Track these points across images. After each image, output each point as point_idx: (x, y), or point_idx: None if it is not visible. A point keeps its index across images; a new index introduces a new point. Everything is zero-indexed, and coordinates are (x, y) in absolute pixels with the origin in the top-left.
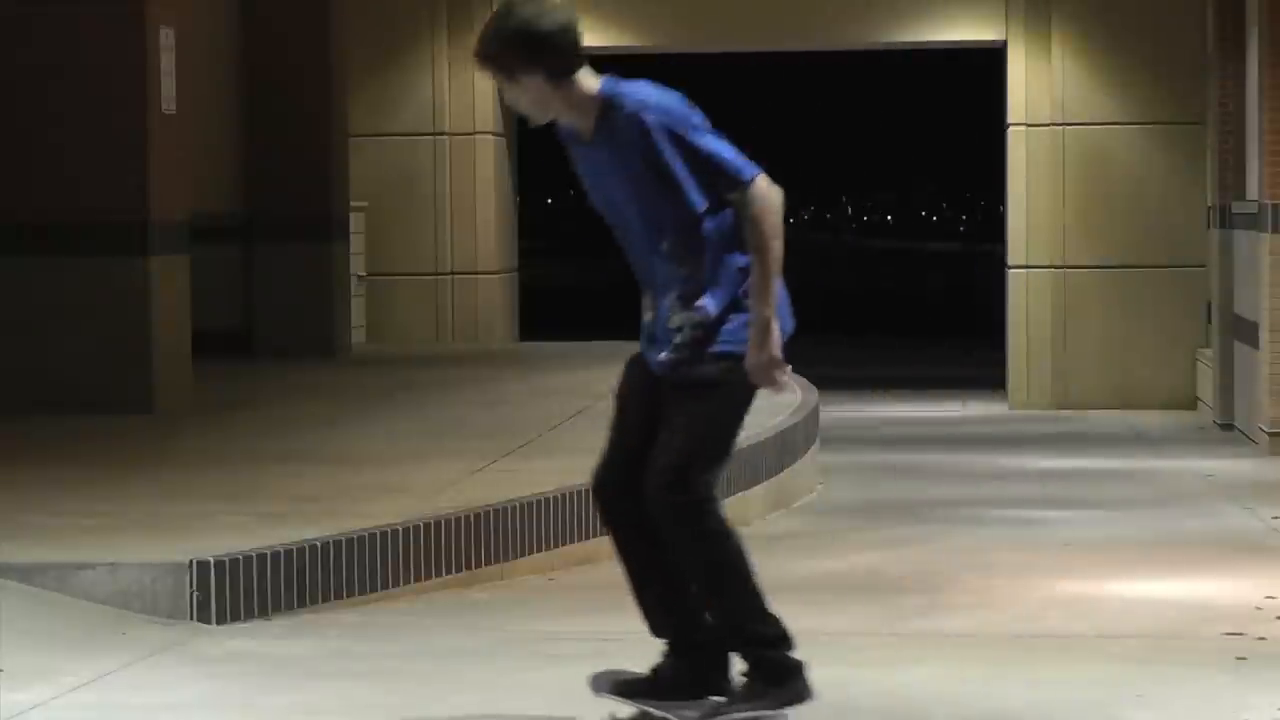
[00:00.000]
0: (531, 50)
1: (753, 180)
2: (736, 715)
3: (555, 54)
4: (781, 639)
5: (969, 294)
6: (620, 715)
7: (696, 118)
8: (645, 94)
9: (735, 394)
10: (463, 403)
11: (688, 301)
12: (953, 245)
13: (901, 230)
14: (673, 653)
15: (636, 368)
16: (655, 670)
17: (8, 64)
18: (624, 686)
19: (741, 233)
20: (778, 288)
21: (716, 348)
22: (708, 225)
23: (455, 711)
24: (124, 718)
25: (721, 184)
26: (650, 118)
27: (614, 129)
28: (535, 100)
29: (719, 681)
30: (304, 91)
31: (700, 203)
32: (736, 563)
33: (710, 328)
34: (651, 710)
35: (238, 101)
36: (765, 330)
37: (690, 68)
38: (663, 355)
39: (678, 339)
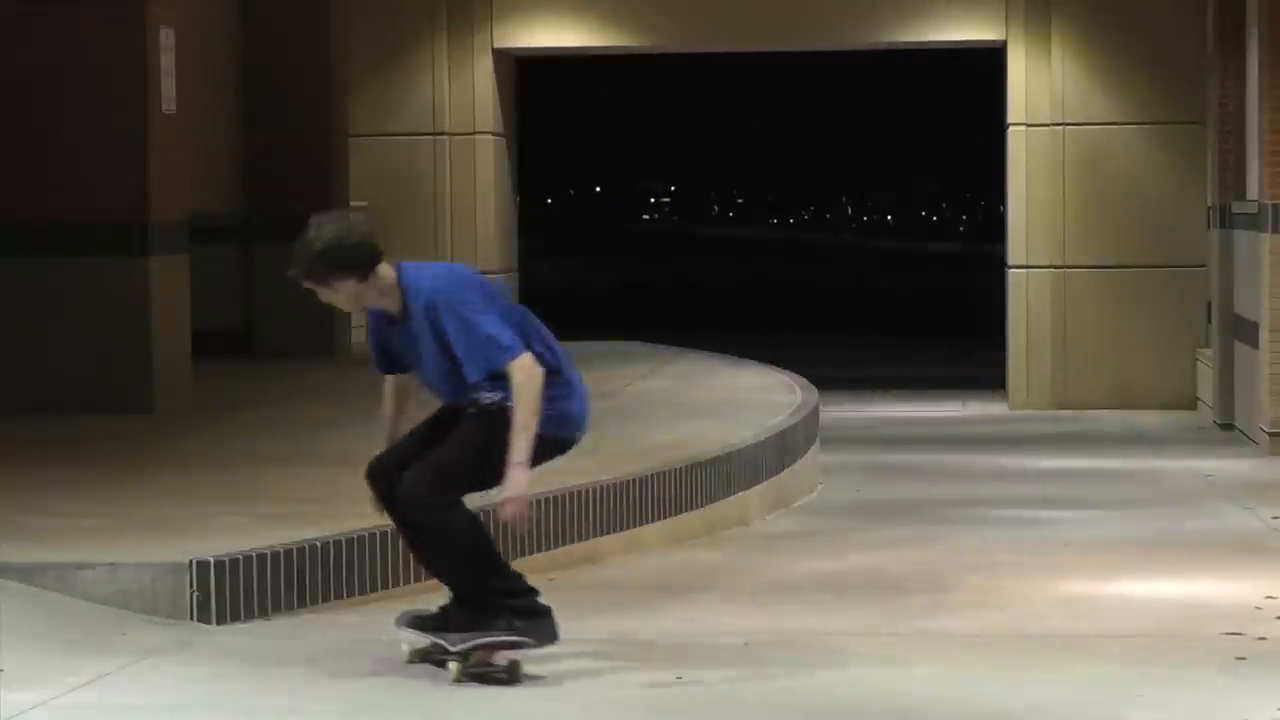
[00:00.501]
0: (343, 262)
1: (514, 360)
2: (494, 640)
3: (362, 260)
4: (527, 590)
5: (969, 294)
6: (418, 646)
7: (478, 295)
8: (433, 278)
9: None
10: None
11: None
12: (953, 245)
13: (901, 230)
14: (453, 598)
15: (447, 410)
16: (443, 609)
17: (8, 64)
18: (417, 621)
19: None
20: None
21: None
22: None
23: (455, 711)
24: (124, 718)
25: (493, 360)
26: (440, 299)
27: (413, 310)
28: (352, 297)
29: (489, 621)
30: (304, 91)
31: (475, 376)
32: (472, 548)
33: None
34: (434, 639)
35: (238, 101)
36: (514, 478)
37: (690, 68)
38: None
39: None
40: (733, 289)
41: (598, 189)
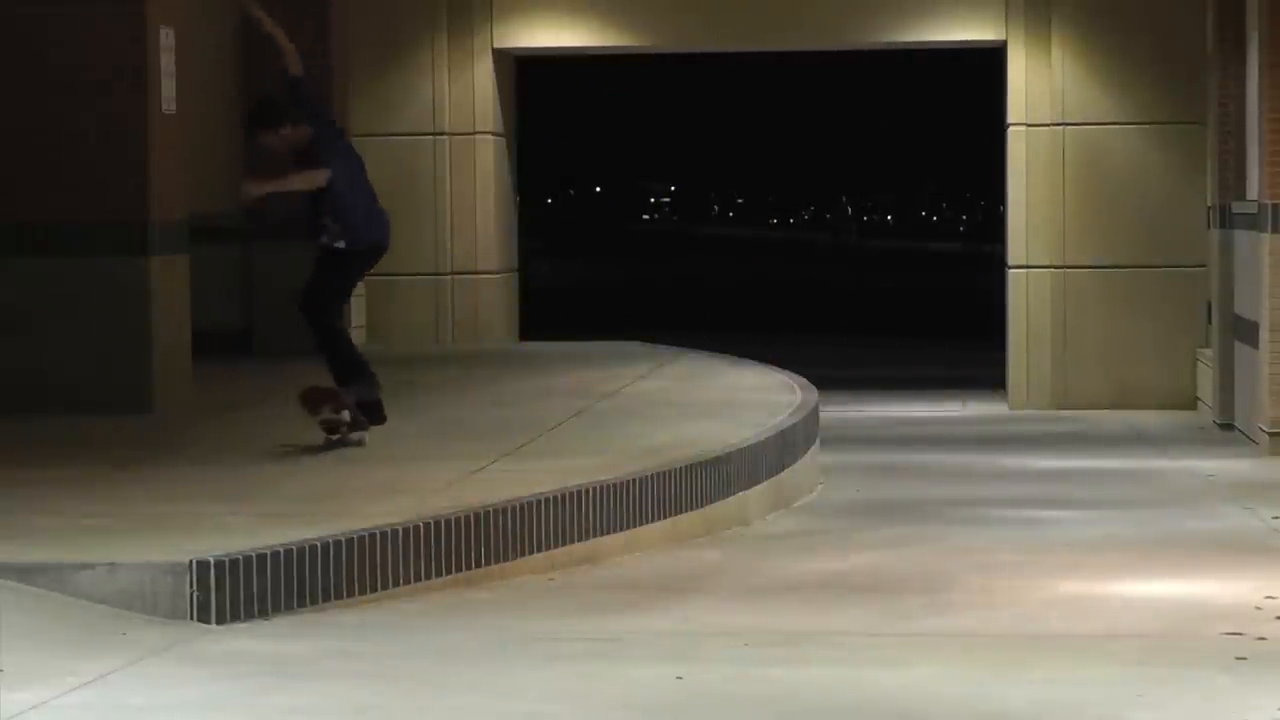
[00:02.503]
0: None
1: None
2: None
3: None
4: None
5: (969, 294)
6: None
7: None
8: None
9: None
10: (463, 403)
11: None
12: (953, 245)
13: (902, 230)
14: None
15: None
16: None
17: (9, 64)
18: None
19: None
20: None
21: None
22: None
23: (455, 711)
24: (124, 718)
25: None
26: None
27: None
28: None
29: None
30: None
31: None
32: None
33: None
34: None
35: (237, 101)
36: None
37: (691, 67)
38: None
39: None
40: (733, 289)
41: (598, 189)
